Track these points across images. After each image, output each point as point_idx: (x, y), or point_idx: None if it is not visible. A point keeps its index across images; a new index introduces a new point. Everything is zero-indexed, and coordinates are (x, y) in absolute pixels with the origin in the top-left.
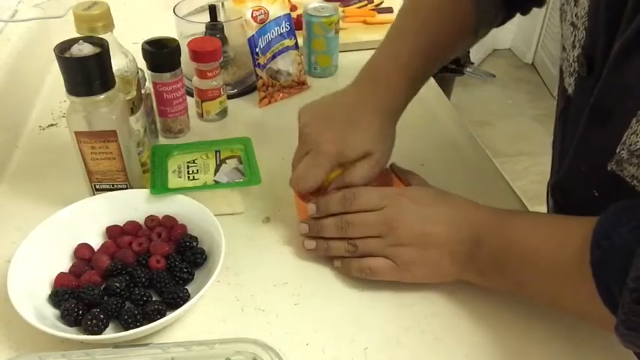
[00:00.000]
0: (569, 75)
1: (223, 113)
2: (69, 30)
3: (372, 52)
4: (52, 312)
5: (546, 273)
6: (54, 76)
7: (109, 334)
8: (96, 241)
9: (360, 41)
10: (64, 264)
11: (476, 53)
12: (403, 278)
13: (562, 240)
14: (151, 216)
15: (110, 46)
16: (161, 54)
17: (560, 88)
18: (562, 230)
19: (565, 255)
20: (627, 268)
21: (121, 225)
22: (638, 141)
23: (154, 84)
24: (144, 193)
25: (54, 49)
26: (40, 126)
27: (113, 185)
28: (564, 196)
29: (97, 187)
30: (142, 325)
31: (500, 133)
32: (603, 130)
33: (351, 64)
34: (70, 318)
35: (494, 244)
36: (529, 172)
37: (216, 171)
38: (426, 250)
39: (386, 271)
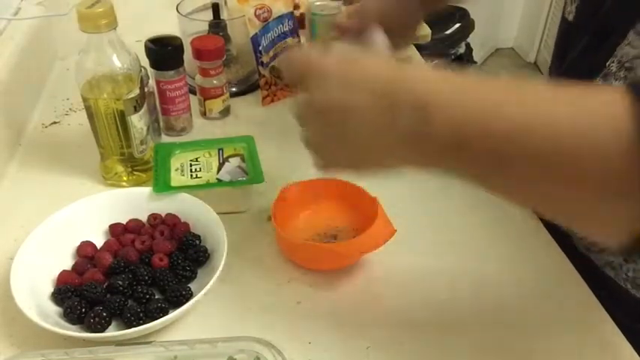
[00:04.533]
0: (571, 2)
1: (226, 111)
2: (72, 28)
3: None
4: (54, 310)
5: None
6: (57, 74)
7: (112, 331)
8: (99, 239)
9: None
10: (67, 262)
11: (478, 52)
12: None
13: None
14: (153, 214)
15: (113, 44)
16: (164, 52)
17: (561, 19)
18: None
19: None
20: None
21: (124, 223)
22: (629, 52)
23: (157, 82)
24: (147, 191)
25: None
26: (42, 124)
27: None
28: None
29: None
30: (144, 323)
31: None
32: (596, 51)
33: None
34: (72, 316)
35: (454, 114)
36: None
37: (218, 169)
38: (346, 126)
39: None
